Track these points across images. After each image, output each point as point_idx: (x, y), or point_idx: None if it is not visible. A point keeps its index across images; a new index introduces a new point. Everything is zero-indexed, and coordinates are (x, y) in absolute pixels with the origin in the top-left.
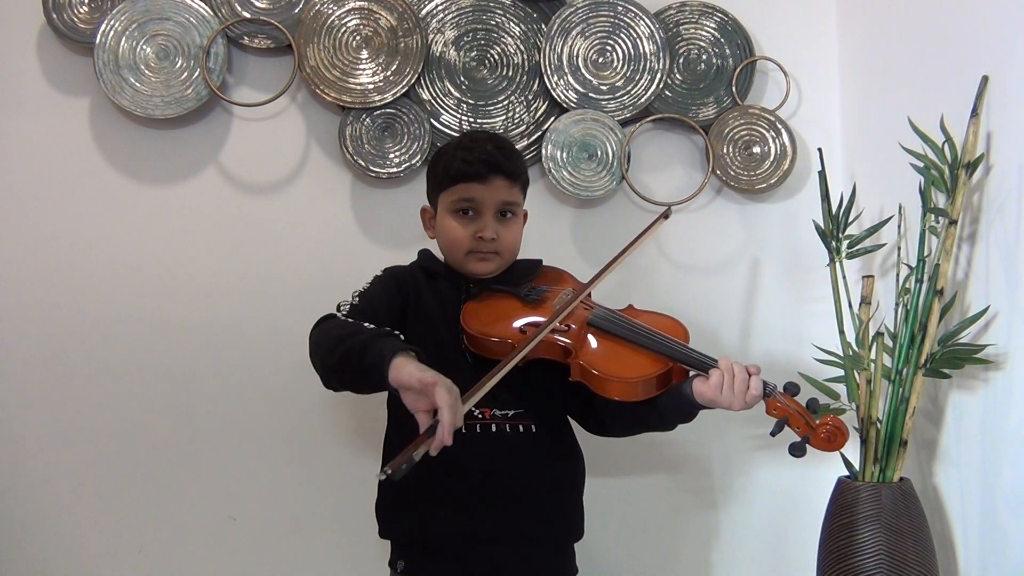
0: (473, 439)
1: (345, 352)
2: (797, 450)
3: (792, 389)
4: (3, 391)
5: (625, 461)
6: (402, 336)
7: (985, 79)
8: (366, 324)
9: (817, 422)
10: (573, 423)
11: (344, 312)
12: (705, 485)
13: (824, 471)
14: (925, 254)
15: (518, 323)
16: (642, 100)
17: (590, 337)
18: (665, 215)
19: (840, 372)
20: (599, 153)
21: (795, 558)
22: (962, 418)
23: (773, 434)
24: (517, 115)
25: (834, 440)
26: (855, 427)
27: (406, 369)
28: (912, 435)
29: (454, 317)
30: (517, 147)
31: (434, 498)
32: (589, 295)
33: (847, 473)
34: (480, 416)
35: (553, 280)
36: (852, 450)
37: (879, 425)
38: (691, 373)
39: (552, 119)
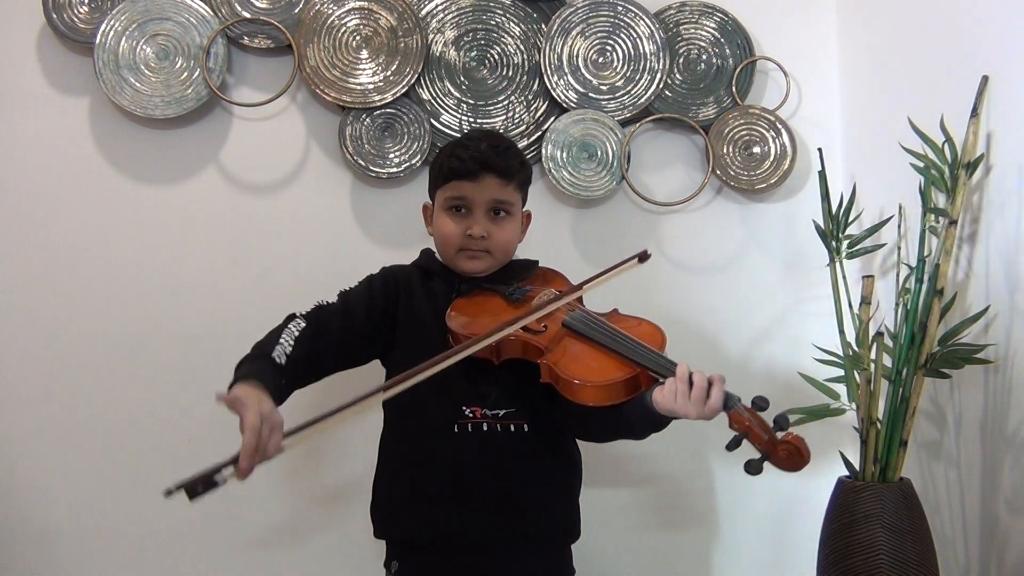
0: (465, 439)
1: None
2: (752, 468)
3: (760, 404)
4: (2, 390)
5: (623, 461)
6: (282, 359)
7: (985, 79)
8: (283, 339)
9: (779, 439)
10: None
11: (312, 307)
12: (704, 485)
13: (824, 471)
14: (925, 254)
15: (496, 322)
16: (642, 100)
17: (563, 339)
18: (641, 258)
19: (840, 372)
20: (599, 153)
21: (795, 558)
22: (962, 418)
23: (729, 448)
24: (517, 115)
25: (792, 460)
26: (855, 427)
27: (233, 392)
28: (912, 435)
29: (444, 315)
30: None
31: (427, 498)
32: (580, 298)
33: (847, 473)
34: (471, 416)
35: (542, 280)
36: (852, 450)
37: (879, 425)
38: (659, 380)
39: (552, 119)
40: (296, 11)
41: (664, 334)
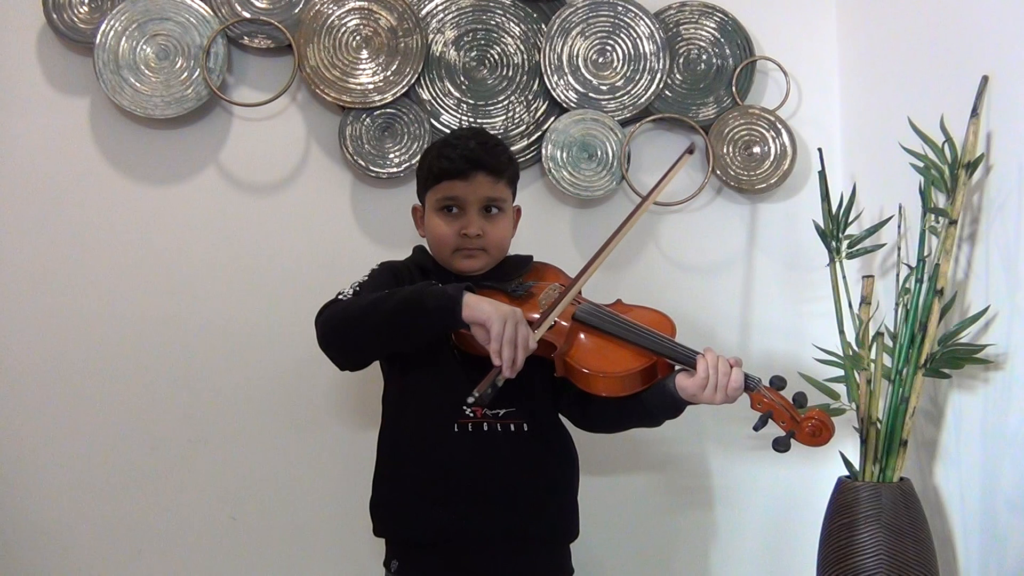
0: (465, 438)
1: (397, 305)
2: (781, 445)
3: (778, 383)
4: (2, 391)
5: (622, 460)
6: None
7: (985, 79)
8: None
9: (802, 416)
10: (564, 420)
11: (349, 292)
12: (704, 485)
13: (824, 471)
14: (925, 254)
15: None
16: (642, 100)
17: (575, 332)
18: (690, 151)
19: (840, 372)
20: (599, 153)
21: (795, 558)
22: (962, 418)
23: (756, 428)
24: (517, 115)
25: (819, 435)
26: (855, 427)
27: (480, 307)
28: (912, 435)
29: None
30: (516, 146)
31: (428, 498)
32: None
33: (847, 473)
34: (472, 415)
35: (541, 275)
36: (852, 450)
37: (879, 425)
38: (676, 367)
39: (552, 119)
40: (296, 11)
41: (672, 321)
